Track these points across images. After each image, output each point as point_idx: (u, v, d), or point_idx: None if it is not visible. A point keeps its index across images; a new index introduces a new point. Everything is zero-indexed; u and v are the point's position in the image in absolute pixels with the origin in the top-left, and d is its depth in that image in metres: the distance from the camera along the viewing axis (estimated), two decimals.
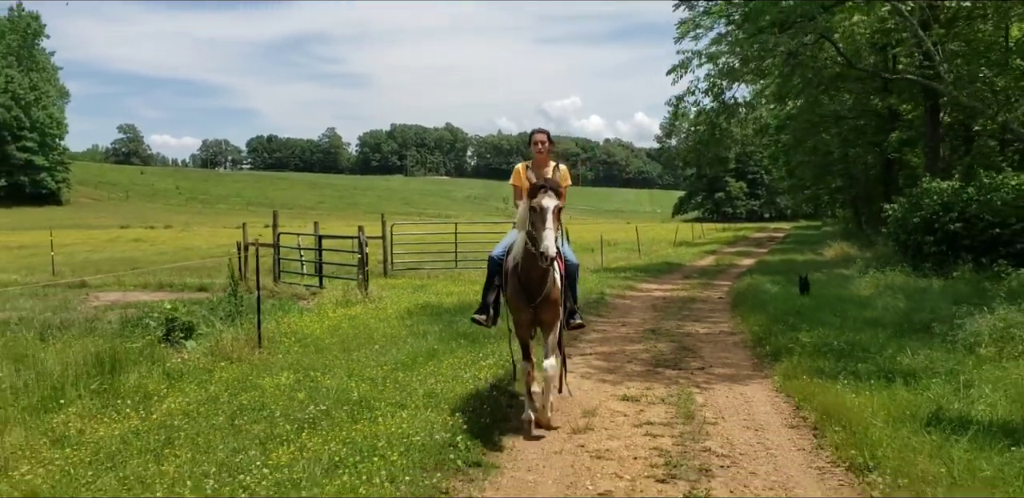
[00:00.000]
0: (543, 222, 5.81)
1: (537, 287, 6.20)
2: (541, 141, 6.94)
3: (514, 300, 6.41)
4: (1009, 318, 9.21)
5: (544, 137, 6.98)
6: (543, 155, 6.95)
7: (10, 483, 4.76)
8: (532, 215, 5.96)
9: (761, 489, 4.96)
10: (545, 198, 5.92)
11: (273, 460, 5.08)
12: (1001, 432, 5.68)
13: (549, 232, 5.76)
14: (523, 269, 6.19)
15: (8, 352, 7.49)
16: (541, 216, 5.85)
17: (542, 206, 5.88)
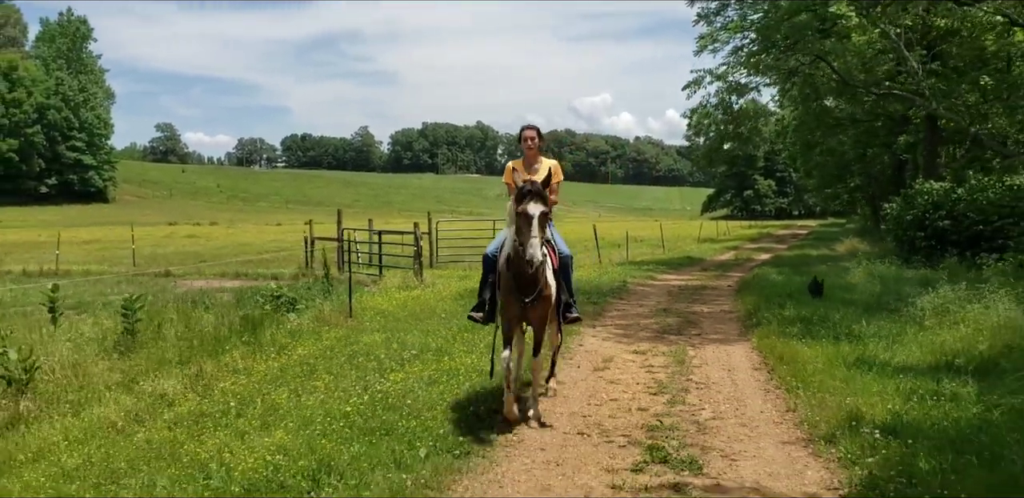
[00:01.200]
0: (528, 229, 5.77)
1: (530, 284, 6.17)
2: (531, 137, 7.04)
3: (506, 296, 6.38)
4: (947, 296, 11.45)
5: (533, 133, 7.06)
6: (533, 151, 7.08)
7: (222, 390, 7.24)
8: (518, 220, 5.90)
9: (721, 401, 7.30)
10: (531, 205, 5.86)
11: (390, 379, 7.50)
12: (903, 370, 7.96)
13: (535, 240, 5.74)
14: (515, 267, 6.13)
15: (181, 316, 10.00)
16: (527, 223, 5.80)
17: (527, 213, 5.83)
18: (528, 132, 7.07)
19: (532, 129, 7.09)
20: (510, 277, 6.25)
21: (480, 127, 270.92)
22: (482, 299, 6.84)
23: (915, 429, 5.74)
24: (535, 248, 5.71)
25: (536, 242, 5.73)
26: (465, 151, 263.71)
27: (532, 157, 7.10)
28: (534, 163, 7.06)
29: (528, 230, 5.77)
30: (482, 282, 6.95)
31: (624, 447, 5.83)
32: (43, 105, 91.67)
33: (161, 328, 9.30)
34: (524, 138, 7.07)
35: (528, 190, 5.92)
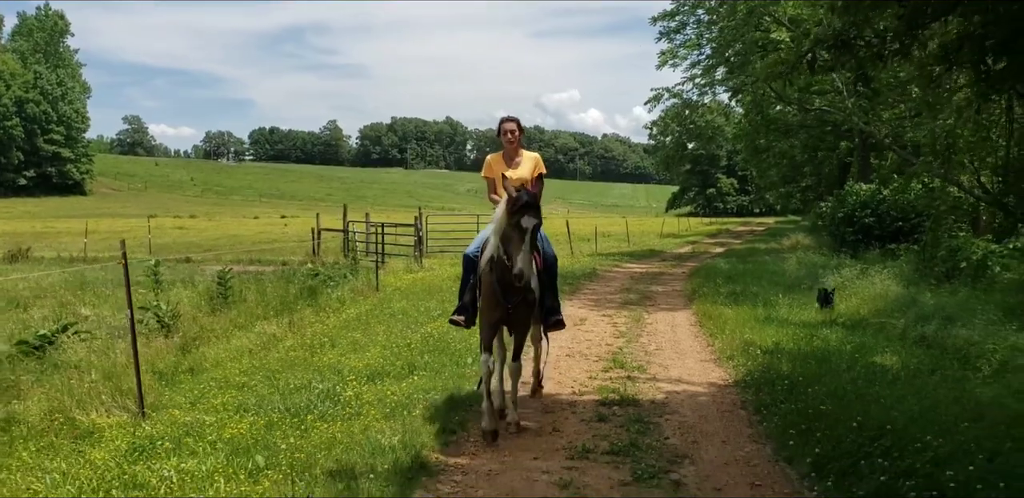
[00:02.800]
0: (520, 242, 5.47)
1: (514, 288, 5.78)
2: (511, 130, 6.67)
3: (488, 299, 6.04)
4: (847, 276, 14.66)
5: (514, 125, 6.70)
6: (514, 144, 6.72)
7: (312, 333, 10.13)
8: (510, 232, 5.54)
9: (663, 341, 10.35)
10: (526, 217, 5.51)
11: (427, 328, 10.43)
12: (798, 324, 11.04)
13: (525, 255, 5.44)
14: (498, 271, 5.81)
15: (256, 287, 12.84)
16: (519, 236, 5.49)
17: (521, 226, 5.50)
18: (508, 124, 6.70)
19: (512, 121, 6.72)
20: (492, 281, 5.90)
21: (449, 122, 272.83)
22: (463, 302, 6.49)
23: (785, 351, 8.83)
24: (525, 263, 5.43)
25: (526, 257, 5.46)
26: (434, 146, 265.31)
27: (513, 150, 6.75)
28: (515, 156, 6.73)
29: (519, 244, 5.46)
30: (462, 284, 6.61)
31: (596, 362, 8.86)
32: (22, 99, 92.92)
33: (243, 293, 12.14)
34: (504, 131, 6.69)
35: (525, 202, 5.55)
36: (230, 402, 6.55)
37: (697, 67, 28.17)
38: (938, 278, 14.76)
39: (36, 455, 5.24)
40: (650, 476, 5.06)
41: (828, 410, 6.00)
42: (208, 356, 8.50)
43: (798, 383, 7.05)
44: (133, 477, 4.75)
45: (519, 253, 5.43)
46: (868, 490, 4.50)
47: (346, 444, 5.38)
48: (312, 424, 5.85)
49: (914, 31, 5.77)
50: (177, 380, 7.54)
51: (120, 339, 8.82)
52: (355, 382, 7.19)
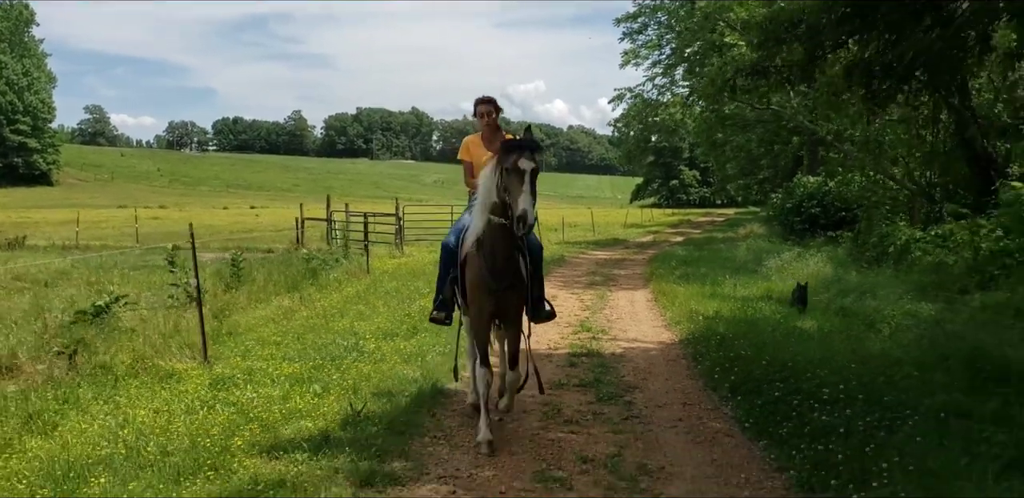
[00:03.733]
0: (520, 184, 4.98)
1: (503, 268, 5.42)
2: (487, 112, 6.27)
3: (476, 286, 5.56)
4: (786, 259, 16.54)
5: (490, 107, 6.29)
6: (492, 126, 6.32)
7: (321, 306, 11.72)
8: (506, 179, 5.10)
9: (623, 312, 12.09)
10: (523, 159, 5.07)
11: (420, 303, 12.05)
12: (739, 298, 12.84)
13: (527, 196, 4.95)
14: (488, 249, 5.40)
15: (263, 269, 14.36)
16: (518, 178, 5.01)
17: (518, 167, 5.05)
18: (484, 106, 6.28)
19: (489, 102, 6.30)
20: (480, 261, 5.44)
21: (415, 113, 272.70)
22: (443, 297, 6.12)
23: (723, 318, 10.61)
24: (527, 203, 4.89)
25: (528, 198, 4.92)
26: (400, 137, 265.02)
27: (491, 132, 6.32)
28: (494, 139, 6.13)
29: (520, 186, 4.97)
30: (440, 278, 6.17)
31: (567, 327, 10.57)
32: None
33: (252, 274, 13.67)
34: (480, 113, 6.30)
35: (517, 144, 5.18)
36: (275, 354, 8.16)
37: (658, 66, 30.03)
38: (868, 261, 16.67)
39: (138, 389, 6.81)
40: (609, 398, 6.78)
41: (746, 354, 7.77)
42: (240, 323, 10.07)
43: (728, 339, 8.82)
44: (224, 399, 6.35)
45: (520, 194, 4.94)
46: (765, 401, 6.25)
47: (379, 377, 7.03)
48: (349, 365, 7.49)
49: (814, 62, 7.49)
50: (221, 340, 9.10)
51: (160, 310, 10.37)
52: (372, 340, 8.83)
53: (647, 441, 5.64)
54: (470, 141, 6.47)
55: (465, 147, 6.47)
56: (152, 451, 5.00)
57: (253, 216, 60.64)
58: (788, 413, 5.87)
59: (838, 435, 5.25)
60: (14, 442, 5.31)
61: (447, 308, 6.17)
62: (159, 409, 6.05)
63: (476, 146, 6.38)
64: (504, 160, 5.16)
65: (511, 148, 5.18)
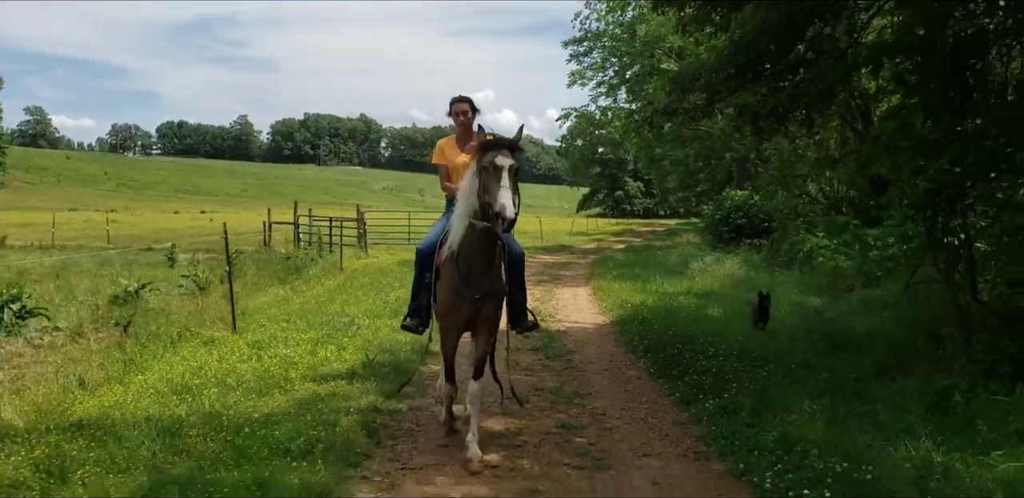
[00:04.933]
0: (498, 181, 4.74)
1: (482, 276, 5.23)
2: (463, 111, 6.04)
3: (451, 294, 5.35)
4: (708, 262, 19.04)
5: (466, 106, 6.06)
6: (466, 126, 6.04)
7: (313, 294, 13.76)
8: (483, 176, 4.88)
9: (568, 304, 14.36)
10: (499, 156, 4.85)
11: (394, 293, 14.16)
12: (664, 293, 15.21)
13: (506, 191, 4.69)
14: (464, 255, 5.20)
15: (253, 263, 16.30)
16: (496, 175, 4.78)
17: (495, 164, 4.81)
18: (460, 105, 6.07)
19: (464, 101, 6.09)
20: (454, 270, 5.27)
21: (363, 119, 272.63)
22: (417, 303, 5.94)
23: (648, 306, 12.95)
24: (507, 199, 4.68)
25: (507, 194, 4.71)
26: (348, 143, 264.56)
27: (465, 134, 6.06)
28: (469, 140, 5.87)
29: (497, 182, 4.77)
30: (416, 283, 6.00)
31: None
32: None
33: (242, 269, 15.63)
34: (455, 112, 6.08)
35: (493, 143, 5.03)
36: (288, 327, 10.23)
37: (602, 86, 32.56)
38: (780, 265, 19.23)
39: (190, 350, 8.82)
40: (554, 357, 9.03)
41: (658, 328, 10.11)
42: (248, 306, 12.09)
43: (648, 320, 11.15)
44: (265, 354, 8.41)
45: (498, 190, 4.71)
46: (666, 356, 8.55)
47: (380, 341, 9.17)
48: (353, 333, 9.61)
49: (712, 105, 9.85)
50: (238, 317, 11.12)
51: (175, 297, 12.34)
52: (364, 318, 10.94)
53: (581, 380, 7.90)
54: (444, 144, 6.23)
55: (439, 150, 6.21)
56: (231, 381, 7.07)
57: (207, 220, 61.72)
58: (680, 362, 8.17)
59: (711, 373, 7.55)
60: (124, 378, 7.32)
61: (420, 315, 5.93)
62: (221, 358, 8.10)
63: (451, 149, 6.16)
64: (481, 159, 4.96)
65: (488, 146, 4.98)
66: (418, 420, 6.35)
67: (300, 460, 4.89)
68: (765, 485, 4.74)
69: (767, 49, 9.23)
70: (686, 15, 8.80)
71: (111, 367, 7.56)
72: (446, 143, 6.28)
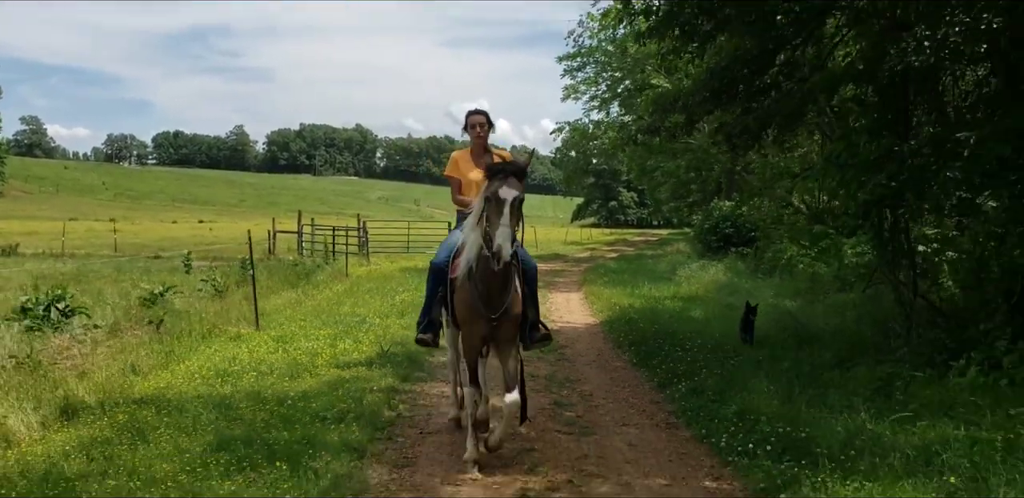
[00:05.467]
0: (498, 216, 4.75)
1: (499, 296, 5.19)
2: (479, 123, 6.07)
3: (469, 313, 5.34)
4: (693, 269, 20.09)
5: (483, 118, 6.09)
6: (482, 139, 6.12)
7: (324, 297, 14.75)
8: (487, 207, 4.89)
9: (561, 307, 15.37)
10: (504, 187, 4.84)
11: (399, 297, 15.15)
12: (650, 297, 16.24)
13: (505, 229, 4.72)
14: (480, 275, 5.15)
15: (264, 269, 17.28)
16: (497, 209, 4.79)
17: (498, 197, 4.83)
18: (476, 117, 6.10)
19: (481, 114, 6.13)
20: (472, 288, 5.26)
21: (359, 130, 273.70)
22: (429, 317, 5.98)
23: (636, 308, 13.96)
24: (504, 238, 4.74)
25: (507, 232, 4.75)
26: (343, 153, 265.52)
27: (481, 146, 6.13)
28: (484, 154, 5.97)
29: (498, 218, 4.80)
30: (428, 297, 6.00)
31: None
32: None
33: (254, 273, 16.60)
34: (471, 124, 6.11)
35: (500, 169, 5.00)
36: (306, 325, 11.22)
37: (595, 100, 33.71)
38: (764, 272, 20.27)
39: (220, 344, 9.80)
40: (549, 351, 9.94)
41: (643, 327, 11.12)
42: (264, 307, 13.05)
43: (634, 320, 12.16)
44: (290, 347, 9.40)
45: (497, 227, 4.75)
46: (648, 349, 9.57)
47: (391, 335, 10.17)
48: (367, 330, 10.60)
49: (691, 124, 10.91)
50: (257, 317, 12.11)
51: (196, 299, 13.32)
52: (375, 317, 11.94)
53: (572, 369, 8.91)
54: (458, 157, 6.24)
55: (453, 163, 6.22)
56: (264, 368, 8.07)
57: (207, 230, 62.63)
58: (660, 355, 9.19)
59: (686, 362, 8.58)
60: (168, 366, 8.31)
61: (434, 329, 5.97)
62: (251, 350, 9.10)
63: (465, 162, 6.16)
64: (486, 188, 4.99)
65: (494, 174, 4.97)
66: (430, 398, 7.35)
67: (336, 425, 5.89)
68: (721, 444, 5.76)
69: (740, 74, 10.30)
70: (665, 45, 9.82)
71: (155, 357, 8.54)
72: (460, 156, 6.28)
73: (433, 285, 5.94)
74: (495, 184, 4.94)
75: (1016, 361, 7.16)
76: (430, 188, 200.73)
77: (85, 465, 4.95)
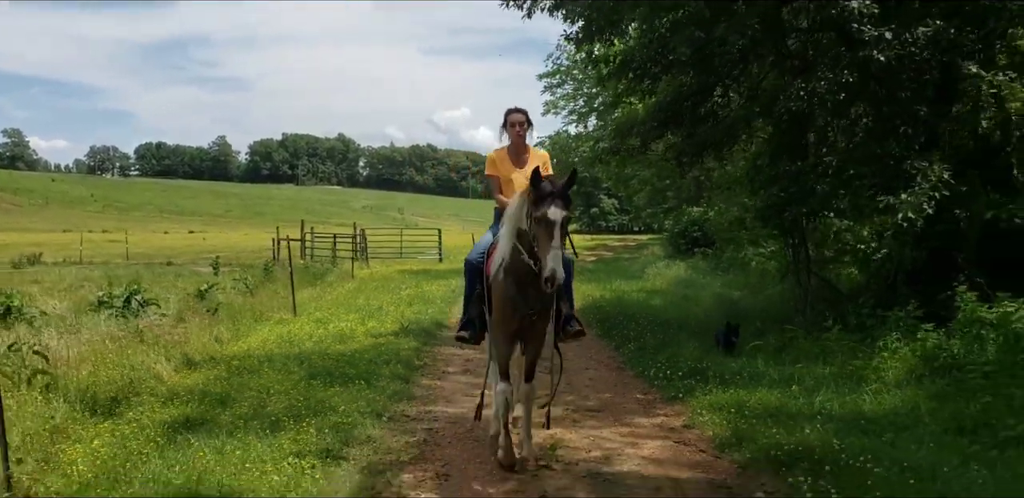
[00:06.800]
0: (549, 239, 4.85)
1: (535, 295, 5.25)
2: (519, 122, 6.03)
3: (503, 310, 5.47)
4: (659, 267, 22.76)
5: (522, 117, 6.05)
6: (522, 138, 6.07)
7: (343, 292, 17.27)
8: (536, 228, 4.98)
9: None
10: (552, 208, 4.91)
11: (404, 292, 17.67)
12: (617, 290, 18.85)
13: (556, 252, 4.81)
14: (516, 275, 5.27)
15: (285, 272, 19.73)
16: (548, 231, 4.88)
17: (548, 219, 4.90)
18: (516, 116, 6.08)
19: (520, 112, 6.11)
20: (509, 286, 5.34)
21: (342, 139, 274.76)
22: (469, 315, 6.00)
23: (607, 299, 16.55)
24: (557, 262, 4.78)
25: (558, 255, 4.81)
26: (326, 162, 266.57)
27: (519, 145, 6.14)
28: (523, 153, 6.12)
29: (548, 240, 4.84)
30: (467, 295, 6.07)
31: None
32: None
33: (275, 275, 19.09)
34: (511, 123, 6.09)
35: (550, 191, 4.99)
36: (335, 312, 13.73)
37: (573, 114, 36.43)
38: (723, 270, 22.96)
39: (270, 327, 12.27)
40: None
41: (608, 310, 13.73)
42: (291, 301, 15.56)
43: (602, 306, 14.76)
44: (329, 326, 11.90)
45: (548, 252, 4.83)
46: (615, 329, 12.13)
47: (405, 318, 12.70)
48: (385, 314, 13.14)
49: (646, 145, 13.56)
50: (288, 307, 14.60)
51: (235, 294, 15.81)
52: (389, 306, 14.48)
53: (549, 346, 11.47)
54: (496, 156, 6.25)
55: (491, 163, 6.26)
56: (316, 337, 10.59)
57: (200, 239, 64.99)
58: (619, 328, 11.79)
59: (637, 332, 11.17)
60: (239, 339, 10.81)
61: (473, 327, 5.97)
62: (299, 328, 11.63)
63: (503, 161, 6.18)
64: (534, 210, 5.03)
65: (542, 197, 5.01)
66: (445, 356, 9.98)
67: (385, 365, 8.45)
68: (651, 376, 8.38)
69: (683, 106, 12.95)
70: (622, 85, 12.46)
71: (227, 333, 11.06)
72: (498, 155, 6.25)
73: (470, 283, 6.01)
74: (543, 206, 4.95)
75: (874, 324, 9.81)
76: (413, 196, 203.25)
77: (225, 388, 7.46)
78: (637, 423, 6.90)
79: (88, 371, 7.41)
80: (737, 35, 9.88)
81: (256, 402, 6.77)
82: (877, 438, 5.88)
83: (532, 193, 5.06)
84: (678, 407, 7.31)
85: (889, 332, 9.09)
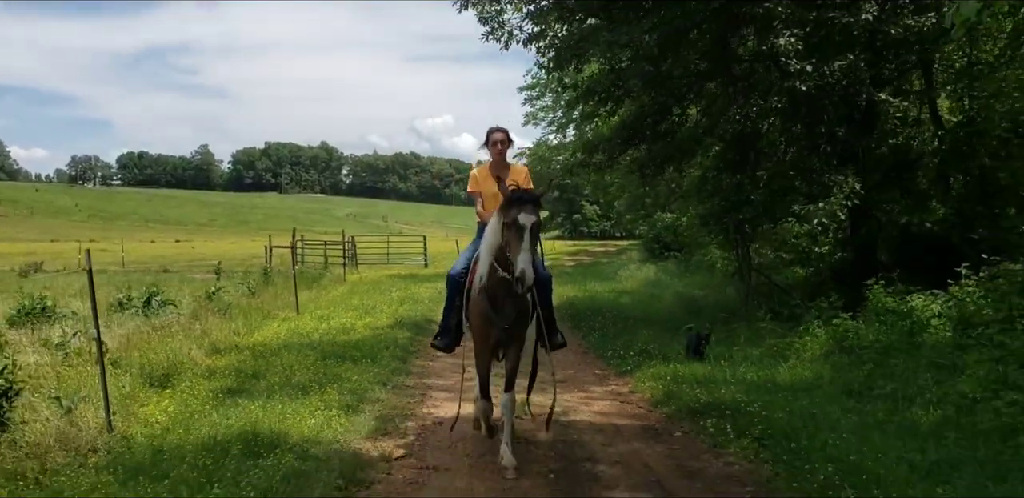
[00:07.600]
0: (519, 241, 5.10)
1: (510, 306, 5.55)
2: (500, 140, 6.34)
3: (480, 322, 5.71)
4: (632, 269, 24.40)
5: (503, 135, 6.36)
6: (501, 155, 6.41)
7: (339, 293, 18.79)
8: (507, 233, 5.22)
9: None
10: (523, 214, 5.18)
11: (394, 294, 19.20)
12: (596, 291, 20.46)
13: (526, 254, 5.05)
14: (492, 290, 5.55)
15: (282, 276, 21.25)
16: (518, 235, 5.14)
17: (518, 223, 5.17)
18: (497, 134, 6.35)
19: (502, 131, 6.38)
20: (484, 300, 5.60)
21: (324, 147, 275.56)
22: (447, 325, 6.28)
23: (581, 298, 18.15)
24: (527, 263, 5.04)
25: (527, 257, 5.06)
26: (309, 171, 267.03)
27: (500, 163, 6.40)
28: (504, 170, 6.30)
29: (519, 243, 5.11)
30: (447, 306, 6.34)
31: None
32: None
33: (274, 279, 20.57)
34: (493, 141, 6.35)
35: (519, 196, 5.31)
36: (333, 310, 15.25)
37: (552, 124, 38.14)
38: (691, 272, 24.64)
39: (278, 324, 13.78)
40: None
41: (580, 307, 15.34)
42: (293, 301, 17.07)
43: (575, 304, 16.35)
44: (329, 322, 13.43)
45: (519, 253, 5.05)
46: (585, 321, 13.74)
47: (399, 315, 14.25)
48: (380, 311, 14.68)
49: (612, 159, 15.20)
50: (291, 306, 16.10)
51: (239, 296, 17.29)
52: (382, 305, 16.01)
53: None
54: (478, 173, 6.50)
55: (473, 180, 6.50)
56: (321, 331, 12.12)
57: (189, 248, 66.11)
58: (588, 320, 13.40)
59: (601, 323, 12.77)
60: (254, 332, 12.33)
61: (449, 335, 6.27)
62: (304, 324, 13.16)
63: (485, 178, 6.38)
64: (505, 214, 5.24)
65: (511, 202, 5.25)
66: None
67: (385, 350, 10.02)
68: (608, 356, 9.99)
69: (644, 124, 14.61)
70: (588, 108, 14.11)
71: (243, 328, 12.58)
72: (480, 172, 6.49)
73: (450, 295, 6.27)
74: (514, 211, 5.22)
75: (802, 313, 11.47)
76: (396, 204, 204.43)
77: (254, 366, 8.99)
78: (592, 390, 8.54)
79: (139, 354, 8.93)
80: (682, 69, 11.51)
81: (284, 375, 8.32)
82: (778, 396, 7.50)
83: (504, 199, 5.39)
84: (627, 379, 8.97)
85: (813, 320, 10.76)
